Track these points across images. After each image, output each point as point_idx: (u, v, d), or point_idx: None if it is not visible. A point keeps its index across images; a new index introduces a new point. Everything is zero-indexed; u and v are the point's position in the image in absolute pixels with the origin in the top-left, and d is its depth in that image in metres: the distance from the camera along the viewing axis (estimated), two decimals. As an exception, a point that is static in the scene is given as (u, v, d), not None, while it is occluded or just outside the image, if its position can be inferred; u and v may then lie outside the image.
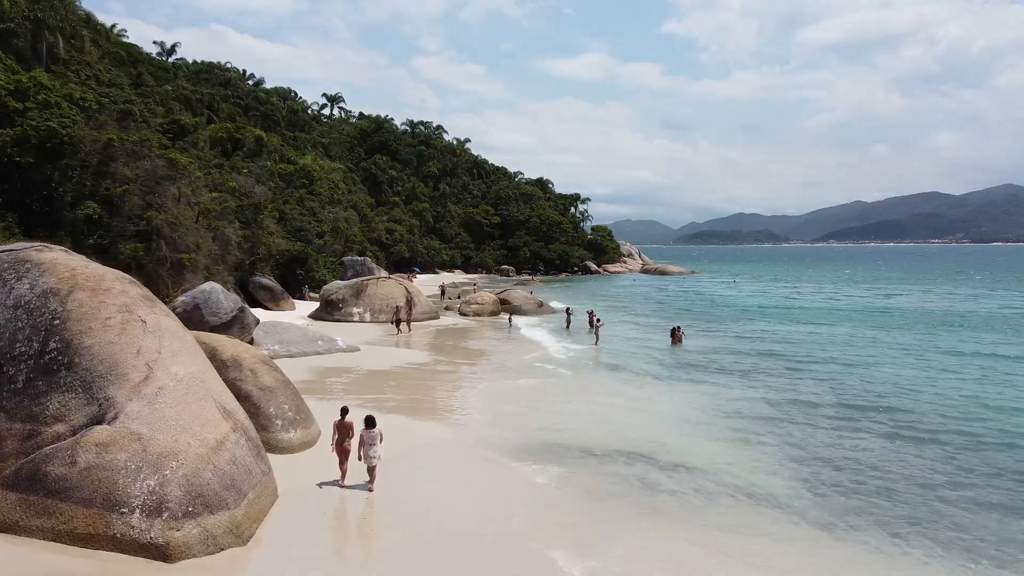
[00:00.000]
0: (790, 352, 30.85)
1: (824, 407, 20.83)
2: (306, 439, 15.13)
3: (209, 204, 36.18)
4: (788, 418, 19.42)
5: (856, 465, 15.36)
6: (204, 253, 33.04)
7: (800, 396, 22.11)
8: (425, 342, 33.46)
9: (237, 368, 15.44)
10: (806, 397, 22.04)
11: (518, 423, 18.17)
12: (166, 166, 33.05)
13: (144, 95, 50.63)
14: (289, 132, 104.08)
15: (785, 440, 17.24)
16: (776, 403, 21.21)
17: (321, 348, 28.29)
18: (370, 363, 26.68)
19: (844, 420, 19.28)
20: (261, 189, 46.79)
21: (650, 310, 52.41)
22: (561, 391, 22.83)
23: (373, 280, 42.54)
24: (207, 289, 26.00)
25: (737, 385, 23.87)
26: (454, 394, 21.81)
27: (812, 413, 20.02)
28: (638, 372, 26.41)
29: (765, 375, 25.68)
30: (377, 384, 22.98)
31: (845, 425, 18.74)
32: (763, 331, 38.80)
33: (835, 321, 43.42)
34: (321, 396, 20.68)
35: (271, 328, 28.24)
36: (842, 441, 17.29)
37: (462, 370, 26.19)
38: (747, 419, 19.24)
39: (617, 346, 33.00)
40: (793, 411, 20.24)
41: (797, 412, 20.11)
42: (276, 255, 49.14)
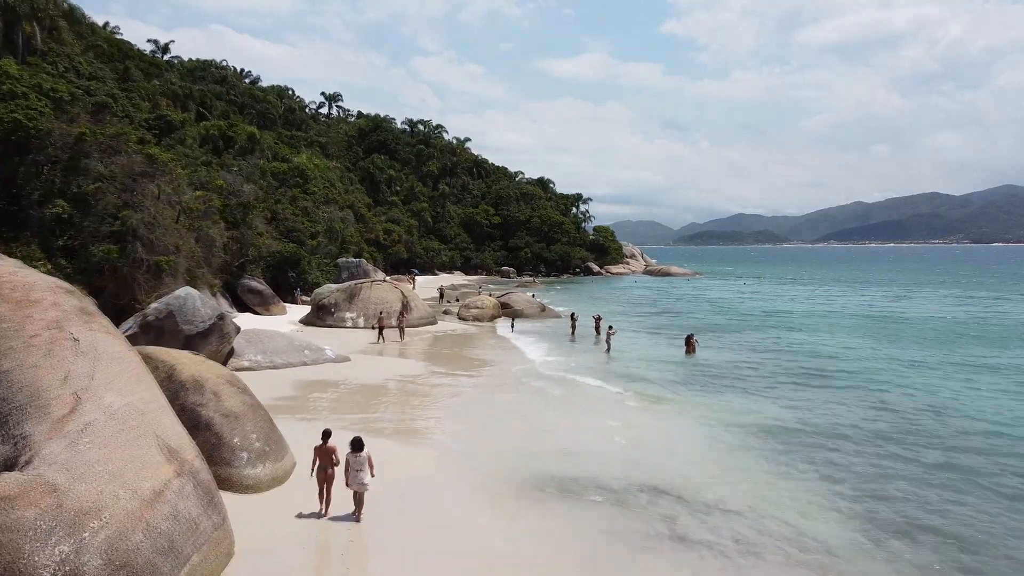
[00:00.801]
0: (815, 364, 28.60)
1: (863, 429, 18.65)
2: (276, 474, 12.98)
3: (192, 203, 34.04)
4: (825, 443, 17.25)
5: (914, 502, 13.22)
6: (185, 255, 30.89)
7: (835, 416, 19.92)
8: (421, 350, 31.30)
9: (198, 391, 13.30)
10: (842, 417, 19.84)
11: (523, 450, 16.00)
12: (144, 162, 30.90)
13: (129, 90, 48.54)
14: (285, 131, 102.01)
15: (828, 471, 15.07)
16: (809, 424, 19.04)
17: (308, 358, 26.15)
18: (360, 375, 24.54)
19: (889, 446, 17.10)
20: (250, 188, 44.64)
21: (658, 315, 50.17)
22: (570, 409, 20.67)
23: (367, 283, 40.38)
24: (182, 295, 23.85)
25: (762, 402, 21.70)
26: (449, 413, 19.63)
27: (852, 437, 17.85)
28: (653, 386, 24.23)
29: (791, 390, 23.50)
30: (366, 401, 20.83)
31: (892, 453, 16.56)
32: (781, 339, 36.39)
33: (856, 329, 40.90)
34: (302, 416, 18.56)
35: (254, 337, 26.09)
36: (892, 472, 15.12)
37: (460, 383, 24.02)
38: (779, 443, 17.08)
39: (627, 355, 30.83)
40: (829, 434, 18.06)
41: (834, 435, 17.94)
42: (267, 257, 47.01)
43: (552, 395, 22.36)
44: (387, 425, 17.79)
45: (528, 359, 29.23)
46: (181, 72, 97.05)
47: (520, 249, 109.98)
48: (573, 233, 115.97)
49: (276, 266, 48.27)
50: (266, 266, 47.36)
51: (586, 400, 21.81)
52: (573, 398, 22.06)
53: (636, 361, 29.20)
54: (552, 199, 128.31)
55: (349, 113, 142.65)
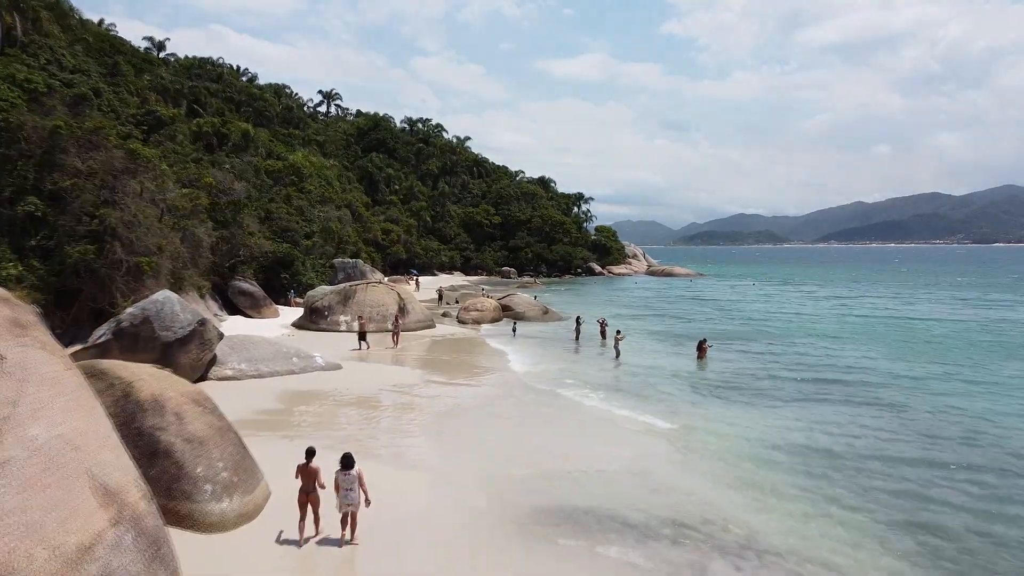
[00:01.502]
0: (834, 375, 26.67)
1: (902, 447, 17.01)
2: (246, 509, 11.32)
3: (178, 201, 32.37)
4: (865, 465, 15.59)
5: (980, 540, 11.58)
6: (169, 256, 29.22)
7: (866, 435, 18.21)
8: (417, 356, 29.63)
9: (157, 412, 11.64)
10: (879, 434, 18.15)
11: (528, 475, 14.33)
12: (126, 158, 29.23)
13: (116, 85, 46.86)
14: (283, 129, 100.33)
15: (873, 499, 13.42)
16: (843, 442, 17.37)
17: (296, 366, 24.48)
18: (352, 385, 22.87)
19: (934, 469, 15.45)
20: (242, 185, 42.95)
21: (665, 319, 48.42)
22: (579, 423, 19.01)
23: (362, 285, 38.70)
24: (160, 299, 22.19)
25: (786, 418, 20.02)
26: (445, 429, 17.96)
27: (892, 458, 16.19)
28: (666, 397, 22.56)
29: (815, 405, 21.79)
30: (356, 414, 19.17)
31: (939, 478, 14.91)
32: (796, 346, 34.51)
33: (873, 336, 38.77)
34: (285, 433, 16.91)
35: (238, 343, 24.42)
36: (947, 500, 13.49)
37: (457, 395, 22.36)
38: (814, 465, 15.42)
39: (636, 362, 29.17)
40: (867, 454, 16.40)
41: (873, 455, 16.28)
42: (259, 257, 45.32)
43: (558, 410, 20.68)
44: (377, 443, 16.12)
45: (530, 367, 27.55)
46: (177, 69, 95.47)
47: (521, 249, 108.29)
48: (575, 233, 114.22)
49: (269, 267, 46.59)
50: (258, 267, 45.68)
51: (596, 415, 20.13)
52: (581, 414, 20.38)
53: (646, 369, 27.51)
54: (553, 199, 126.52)
55: (348, 112, 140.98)
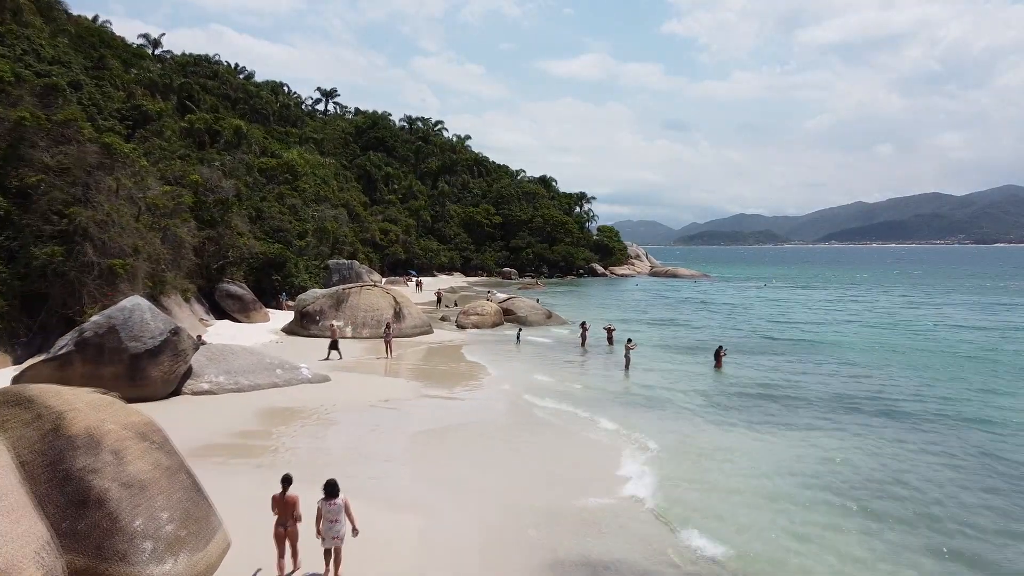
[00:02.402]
0: (864, 387, 24.59)
1: (958, 473, 15.03)
2: (195, 571, 9.30)
3: (159, 200, 30.37)
4: (921, 494, 13.65)
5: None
6: (146, 258, 27.22)
7: (912, 459, 16.22)
8: (412, 366, 27.62)
9: (91, 450, 9.63)
10: (932, 459, 16.13)
11: (536, 517, 12.34)
12: (100, 152, 27.25)
13: (100, 78, 44.86)
14: (279, 127, 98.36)
15: (943, 543, 11.44)
16: (891, 468, 15.37)
17: (280, 379, 22.49)
18: (339, 400, 20.88)
19: (1001, 499, 13.49)
20: (230, 183, 40.96)
21: (673, 324, 46.35)
22: (591, 445, 17.03)
23: (356, 288, 36.70)
24: (128, 307, 20.21)
25: (823, 435, 18.02)
26: (441, 457, 15.97)
27: (949, 485, 14.23)
28: (685, 413, 20.56)
29: (853, 420, 19.77)
30: (341, 436, 17.17)
31: (1009, 507, 12.94)
32: (818, 353, 32.39)
33: (894, 343, 36.46)
34: (259, 462, 14.92)
35: (216, 354, 22.42)
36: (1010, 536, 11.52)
37: (454, 412, 20.37)
38: (855, 499, 13.41)
39: (648, 371, 27.16)
40: (920, 481, 14.42)
41: (927, 483, 14.31)
42: (250, 259, 43.34)
43: (567, 433, 18.65)
44: (364, 474, 14.12)
45: (534, 378, 25.56)
46: (172, 67, 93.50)
47: (522, 250, 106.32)
48: (576, 233, 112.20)
49: (260, 268, 44.61)
50: (249, 269, 43.70)
51: (609, 438, 18.12)
52: (593, 434, 18.38)
53: (658, 381, 25.49)
54: (555, 198, 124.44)
55: (347, 110, 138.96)
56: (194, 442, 16.04)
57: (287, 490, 9.86)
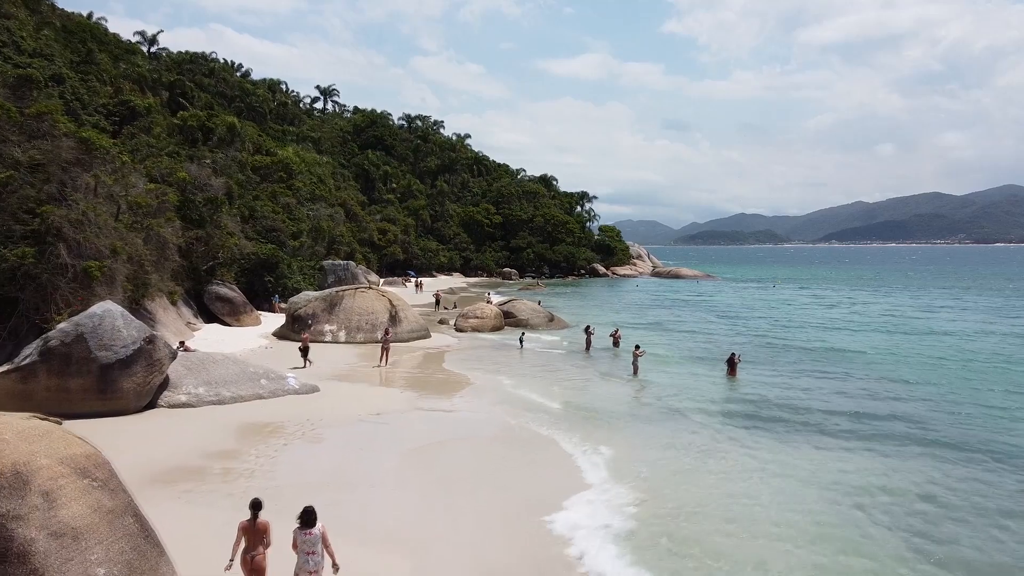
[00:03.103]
0: (899, 402, 22.62)
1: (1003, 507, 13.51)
2: (137, 638, 7.82)
3: (141, 198, 28.84)
4: (970, 521, 12.14)
5: None
6: (125, 260, 25.69)
7: (976, 484, 14.72)
8: (407, 374, 26.08)
9: (17, 492, 8.11)
10: (988, 487, 14.58)
11: (540, 561, 10.83)
12: (77, 148, 25.73)
13: (86, 72, 43.32)
14: (277, 125, 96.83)
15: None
16: (936, 495, 13.88)
17: (264, 390, 20.97)
18: (327, 413, 19.37)
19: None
20: (220, 181, 39.42)
21: (684, 325, 44.62)
22: (601, 463, 15.49)
23: (350, 291, 35.18)
24: (99, 313, 18.68)
25: (857, 456, 16.47)
26: (436, 479, 14.46)
27: (1012, 515, 12.72)
28: (701, 426, 19.04)
29: (884, 436, 18.26)
30: (326, 455, 15.65)
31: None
32: (839, 360, 30.64)
33: (913, 347, 34.68)
34: (229, 490, 13.35)
35: (196, 363, 20.89)
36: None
37: (453, 427, 18.86)
38: (917, 539, 11.91)
39: (657, 380, 25.63)
40: (977, 516, 12.91)
41: (984, 516, 12.80)
42: (241, 259, 41.82)
43: (573, 443, 17.14)
44: (347, 505, 12.61)
45: (534, 388, 24.02)
46: (168, 64, 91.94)
47: (522, 250, 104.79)
48: (578, 233, 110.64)
49: (251, 270, 43.10)
50: (240, 270, 42.18)
51: (619, 450, 16.59)
52: (600, 446, 16.83)
53: (668, 390, 23.96)
54: (555, 197, 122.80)
55: (345, 108, 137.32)
56: (162, 464, 14.57)
57: (257, 516, 8.98)
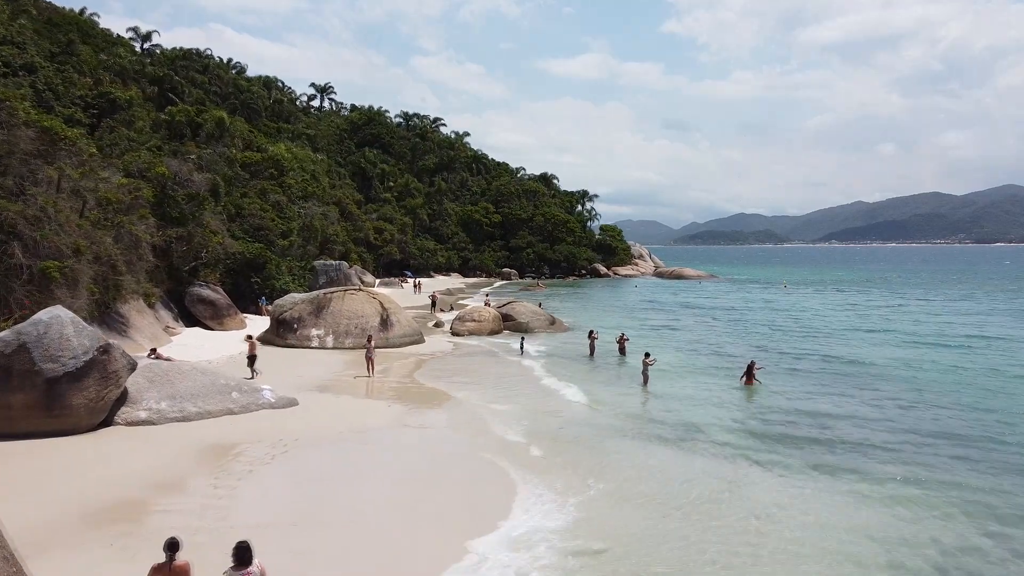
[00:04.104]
0: (943, 420, 20.62)
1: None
2: None
3: (112, 193, 26.78)
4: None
5: None
6: (92, 260, 23.64)
7: None
8: (396, 384, 23.99)
9: None
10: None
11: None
12: (38, 138, 23.69)
13: (63, 62, 41.31)
14: (272, 123, 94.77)
15: None
16: (1002, 533, 11.84)
17: (236, 404, 18.90)
18: (304, 430, 17.30)
19: None
20: (203, 177, 37.37)
21: (690, 329, 42.37)
22: (611, 495, 13.45)
23: (339, 293, 33.10)
24: (45, 320, 16.60)
25: (898, 483, 14.44)
26: (427, 519, 12.41)
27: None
28: (719, 446, 16.98)
29: (928, 458, 16.23)
30: (295, 485, 13.58)
31: None
32: (864, 368, 28.01)
33: (940, 353, 31.98)
34: (173, 528, 11.24)
35: (160, 375, 18.80)
36: None
37: (442, 448, 16.80)
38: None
39: (668, 391, 23.55)
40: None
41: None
42: (227, 259, 39.78)
43: (579, 468, 15.07)
44: (315, 555, 10.55)
45: (537, 398, 21.97)
46: (161, 60, 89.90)
47: (522, 249, 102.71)
48: (579, 232, 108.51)
49: (237, 270, 41.03)
50: (225, 270, 40.14)
51: (631, 480, 14.55)
52: (611, 478, 14.78)
53: (681, 403, 21.90)
54: (556, 196, 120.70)
55: (342, 106, 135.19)
56: (102, 497, 12.50)
57: (174, 558, 7.85)
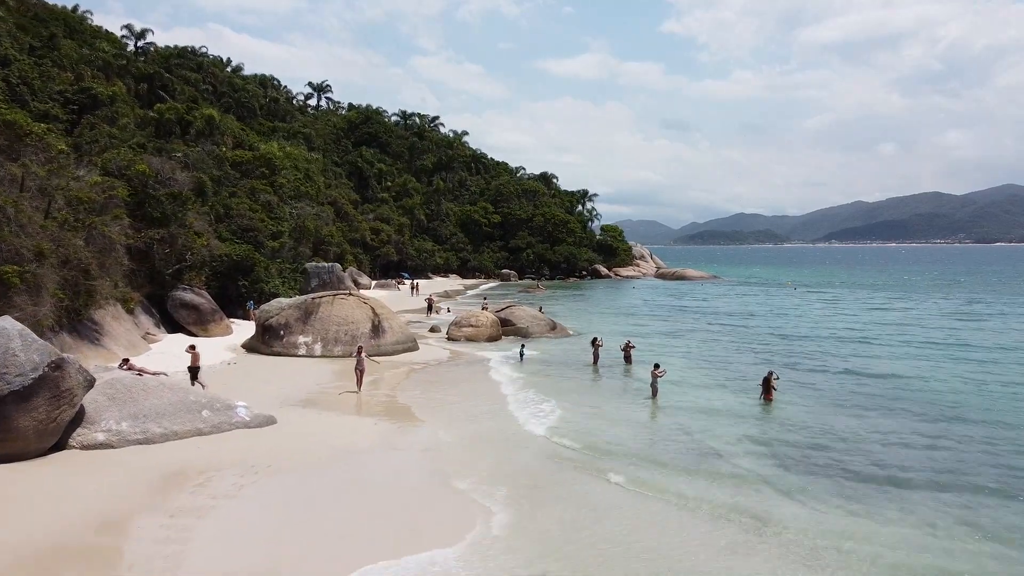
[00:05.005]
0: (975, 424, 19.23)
1: None
2: None
3: (83, 192, 25.06)
4: None
5: None
6: (58, 264, 21.92)
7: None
8: (386, 397, 22.23)
9: None
10: None
11: None
12: (1, 133, 21.97)
13: (41, 56, 39.60)
14: (267, 121, 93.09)
15: None
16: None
17: (206, 423, 17.15)
18: (279, 454, 15.56)
19: None
20: (186, 176, 35.64)
21: (699, 336, 39.86)
22: (620, 535, 11.73)
23: (328, 298, 31.35)
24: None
25: (955, 517, 12.75)
26: (420, 569, 10.69)
27: None
28: (742, 474, 15.26)
29: (975, 487, 14.54)
30: (262, 525, 11.82)
31: None
32: (901, 385, 25.30)
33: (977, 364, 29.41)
34: (109, 573, 9.53)
35: (122, 392, 17.04)
36: None
37: (430, 470, 15.07)
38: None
39: (679, 404, 21.82)
40: None
41: None
42: (213, 262, 38.06)
43: (593, 514, 13.38)
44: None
45: (536, 415, 20.24)
46: (156, 59, 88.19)
47: (522, 250, 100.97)
48: (579, 233, 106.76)
49: (225, 273, 39.28)
50: (212, 273, 38.40)
51: (645, 522, 12.84)
52: (621, 511, 13.09)
53: (694, 418, 20.17)
54: (556, 196, 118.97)
55: (340, 105, 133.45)
56: (36, 545, 10.73)
57: None
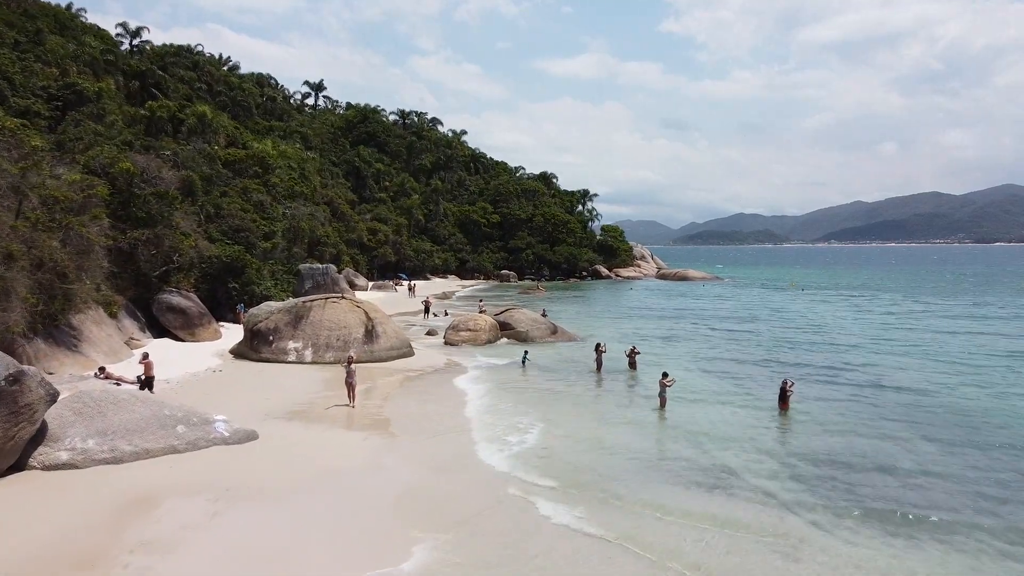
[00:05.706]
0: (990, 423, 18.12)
1: None
2: None
3: (60, 191, 23.78)
4: None
5: None
6: (30, 267, 20.65)
7: None
8: (378, 407, 20.94)
9: None
10: None
11: None
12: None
13: (24, 51, 38.34)
14: (264, 120, 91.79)
15: None
16: None
17: (181, 440, 15.88)
18: (259, 474, 14.29)
19: None
20: (175, 174, 34.37)
21: (706, 340, 38.10)
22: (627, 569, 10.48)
23: (319, 302, 30.07)
24: (-62, 342, 13.63)
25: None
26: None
27: None
28: (763, 498, 14.00)
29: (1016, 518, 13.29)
30: (233, 565, 10.56)
31: None
32: (908, 388, 24.54)
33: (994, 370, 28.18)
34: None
35: (90, 406, 15.76)
36: None
37: (424, 500, 13.81)
38: None
39: (689, 416, 20.54)
40: None
41: None
42: (202, 264, 36.81)
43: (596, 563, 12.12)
44: None
45: (538, 429, 18.98)
46: (151, 57, 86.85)
47: (521, 251, 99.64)
48: (579, 233, 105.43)
49: (214, 275, 38.02)
50: (201, 275, 37.15)
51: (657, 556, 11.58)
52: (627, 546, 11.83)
53: (705, 431, 18.88)
54: (556, 196, 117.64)
55: (337, 104, 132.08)
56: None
57: None
